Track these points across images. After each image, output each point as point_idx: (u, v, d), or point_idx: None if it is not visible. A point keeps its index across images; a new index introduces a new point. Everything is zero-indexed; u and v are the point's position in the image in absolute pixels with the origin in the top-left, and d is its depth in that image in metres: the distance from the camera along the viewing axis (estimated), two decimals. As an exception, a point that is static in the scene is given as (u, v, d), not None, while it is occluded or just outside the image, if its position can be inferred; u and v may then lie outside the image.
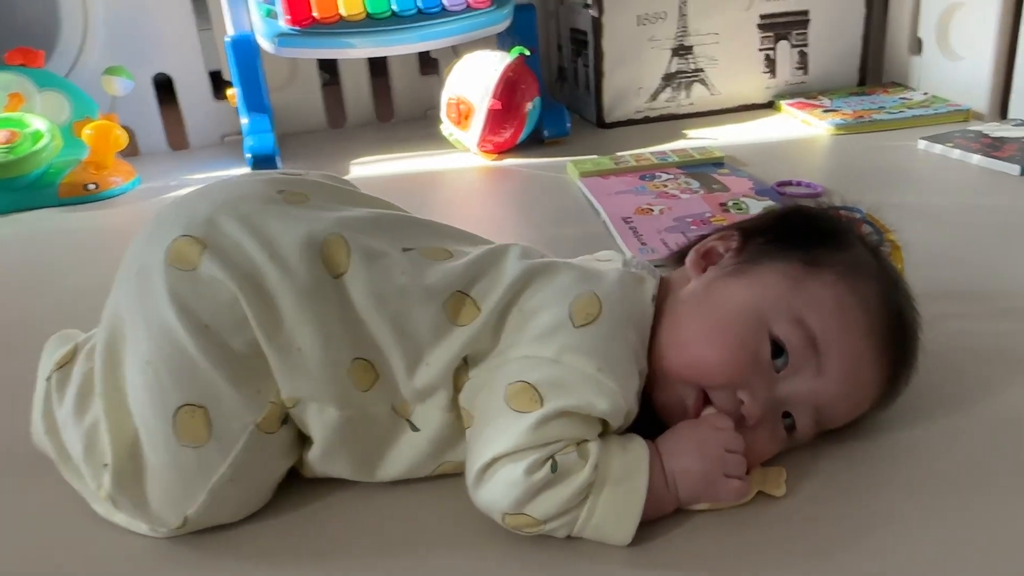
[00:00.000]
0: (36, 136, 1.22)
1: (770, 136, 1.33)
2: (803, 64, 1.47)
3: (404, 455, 0.53)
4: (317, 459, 0.52)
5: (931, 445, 0.56)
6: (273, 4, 1.23)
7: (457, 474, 0.54)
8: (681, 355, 0.51)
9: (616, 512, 0.47)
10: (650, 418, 0.53)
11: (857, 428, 0.56)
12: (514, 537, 0.49)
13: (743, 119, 1.42)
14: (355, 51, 1.26)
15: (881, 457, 0.55)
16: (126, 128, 1.30)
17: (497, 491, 0.47)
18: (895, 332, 0.52)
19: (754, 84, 1.46)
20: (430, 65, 1.64)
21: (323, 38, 1.23)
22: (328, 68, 1.62)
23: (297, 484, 0.55)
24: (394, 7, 1.25)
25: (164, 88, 1.52)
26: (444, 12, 1.27)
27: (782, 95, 1.46)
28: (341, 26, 1.23)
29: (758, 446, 0.51)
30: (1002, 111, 1.30)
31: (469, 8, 1.28)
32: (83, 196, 1.23)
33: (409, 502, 0.54)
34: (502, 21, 1.30)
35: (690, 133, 1.36)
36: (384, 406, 0.52)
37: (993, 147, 1.13)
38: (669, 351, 0.52)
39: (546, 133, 1.34)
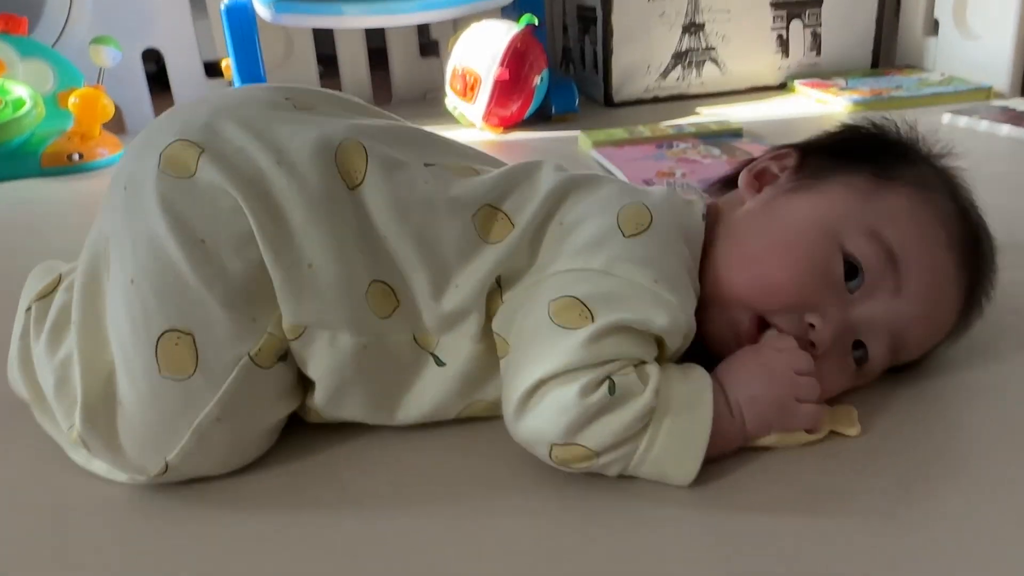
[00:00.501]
0: (18, 103, 1.15)
1: (785, 113, 1.28)
2: (816, 45, 1.43)
3: (428, 394, 0.47)
4: (326, 400, 0.46)
5: (1002, 384, 0.51)
6: (271, -32, 1.18)
7: (487, 417, 0.48)
8: (742, 275, 0.46)
9: (679, 444, 0.41)
10: (697, 354, 0.47)
11: (924, 369, 0.52)
12: (558, 479, 0.43)
13: (755, 99, 1.38)
14: (348, 19, 1.20)
15: (953, 395, 0.50)
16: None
17: (545, 418, 0.41)
18: (974, 249, 0.47)
19: (766, 64, 1.42)
20: (430, 47, 1.59)
21: (321, 3, 1.17)
22: (324, 60, 1.56)
23: (300, 430, 0.49)
24: (398, -26, 1.20)
25: (153, 79, 1.46)
26: (450, -19, 1.22)
27: (794, 76, 1.42)
28: (343, -8, 1.18)
29: (827, 379, 0.45)
30: (1022, 92, 1.27)
31: (475, -22, 1.23)
32: (66, 166, 1.17)
33: (434, 445, 0.48)
34: (509, -7, 1.25)
35: (703, 111, 1.31)
36: (405, 336, 0.46)
37: (1021, 120, 1.09)
38: (728, 272, 0.46)
39: (554, 109, 1.29)
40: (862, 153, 0.49)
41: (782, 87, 1.43)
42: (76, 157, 1.17)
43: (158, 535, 0.42)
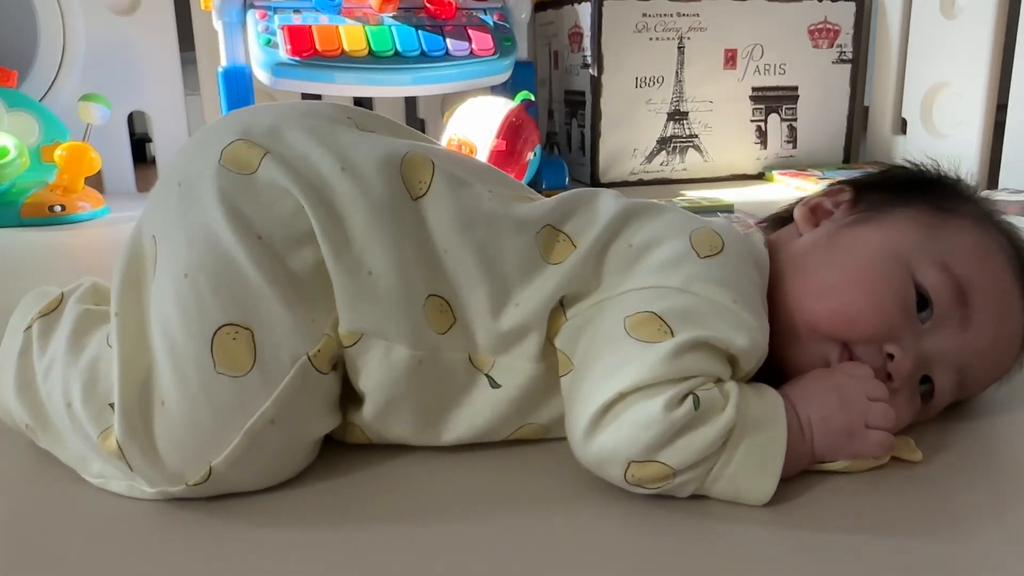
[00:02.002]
0: (2, 152, 1.12)
1: (769, 197, 1.32)
2: (792, 138, 1.49)
3: (479, 415, 0.45)
4: (374, 415, 0.44)
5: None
6: (273, 34, 1.19)
7: (537, 440, 0.47)
8: (823, 305, 0.45)
9: (756, 462, 0.40)
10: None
11: (977, 409, 0.51)
12: (622, 499, 0.41)
13: (736, 185, 1.42)
14: (339, 87, 1.21)
15: (1008, 433, 0.50)
16: (95, 162, 1.22)
17: (624, 434, 0.39)
18: None
19: (746, 154, 1.47)
20: (416, 126, 1.61)
21: (315, 71, 1.19)
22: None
23: (332, 452, 0.46)
24: (398, 47, 1.22)
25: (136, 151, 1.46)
26: (447, 57, 1.25)
27: (771, 167, 1.47)
28: (343, 60, 1.19)
29: (896, 411, 0.44)
30: (989, 185, 1.33)
31: (473, 55, 1.26)
32: (47, 217, 1.13)
33: (482, 464, 0.45)
34: (503, 72, 1.29)
35: (688, 194, 1.35)
36: (461, 354, 0.44)
37: (996, 208, 1.14)
38: (805, 302, 0.45)
39: (544, 184, 1.30)
40: (917, 187, 0.50)
41: (760, 176, 1.48)
42: (58, 209, 1.14)
43: (186, 554, 0.39)
